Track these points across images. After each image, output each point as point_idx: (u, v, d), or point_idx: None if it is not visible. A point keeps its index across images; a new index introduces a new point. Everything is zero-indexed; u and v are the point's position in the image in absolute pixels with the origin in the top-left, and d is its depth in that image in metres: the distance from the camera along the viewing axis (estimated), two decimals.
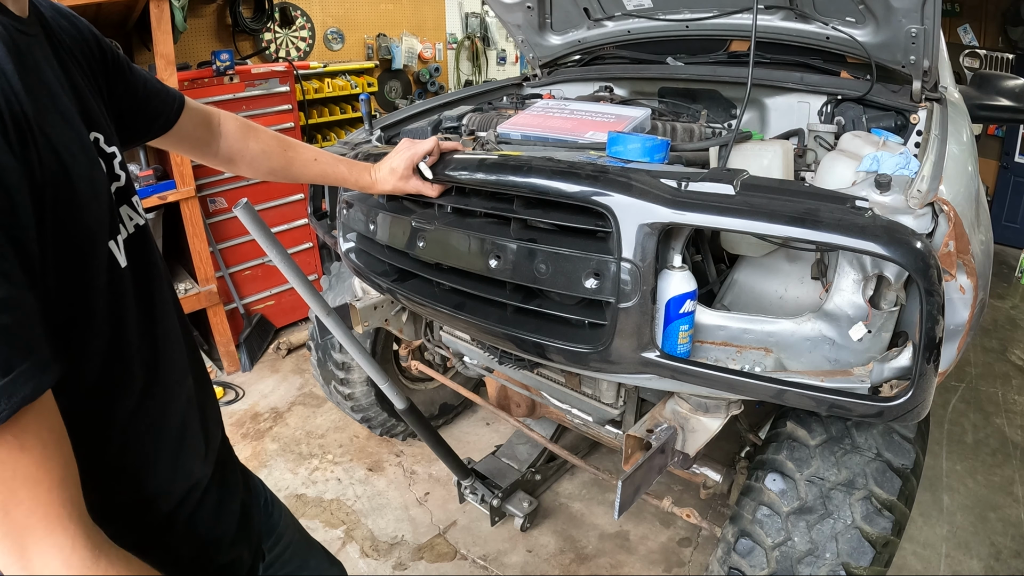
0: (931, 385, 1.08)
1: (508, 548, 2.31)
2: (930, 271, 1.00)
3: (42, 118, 0.59)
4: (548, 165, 1.33)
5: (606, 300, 1.25)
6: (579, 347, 1.31)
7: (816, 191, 1.17)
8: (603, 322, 1.28)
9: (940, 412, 3.04)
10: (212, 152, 1.14)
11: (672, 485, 2.50)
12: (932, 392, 1.10)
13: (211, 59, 3.29)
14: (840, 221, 1.06)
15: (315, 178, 1.35)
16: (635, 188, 1.20)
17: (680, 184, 1.20)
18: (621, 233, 1.20)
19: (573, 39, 2.40)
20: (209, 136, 1.11)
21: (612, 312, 1.24)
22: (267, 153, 1.21)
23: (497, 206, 1.41)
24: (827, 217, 1.07)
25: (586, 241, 1.29)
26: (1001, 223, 5.30)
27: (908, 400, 1.08)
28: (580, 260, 1.26)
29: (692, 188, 1.19)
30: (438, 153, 1.47)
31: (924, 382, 1.06)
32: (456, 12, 6.07)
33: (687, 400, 1.45)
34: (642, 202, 1.18)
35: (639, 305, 1.21)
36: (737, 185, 1.17)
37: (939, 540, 2.30)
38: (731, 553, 1.46)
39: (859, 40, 1.71)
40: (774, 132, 1.94)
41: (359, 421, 2.71)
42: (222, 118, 1.14)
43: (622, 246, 1.20)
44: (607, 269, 1.22)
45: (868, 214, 1.06)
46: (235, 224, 3.40)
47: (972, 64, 5.26)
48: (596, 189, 1.23)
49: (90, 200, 0.64)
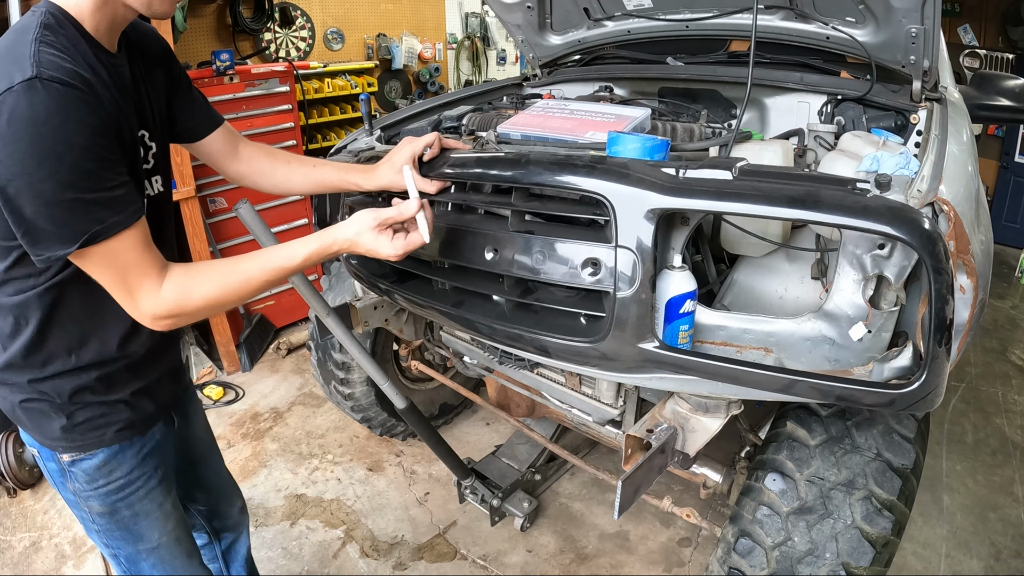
0: (944, 370, 1.05)
1: (508, 548, 2.31)
2: (937, 249, 0.99)
3: (118, 109, 0.98)
4: (545, 157, 1.33)
5: (604, 290, 1.24)
6: (578, 341, 1.31)
7: (815, 175, 1.16)
8: (601, 314, 1.28)
9: (940, 412, 3.03)
10: (229, 172, 1.41)
11: (672, 485, 2.50)
12: (945, 379, 1.07)
13: (211, 59, 3.29)
14: (843, 201, 1.05)
15: (313, 185, 1.45)
16: (632, 176, 1.20)
17: (678, 171, 1.20)
18: (619, 221, 1.20)
19: (573, 39, 2.40)
20: (233, 160, 1.40)
21: (610, 302, 1.24)
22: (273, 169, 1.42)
23: (495, 199, 1.41)
24: (828, 198, 1.05)
25: (584, 231, 1.29)
26: (1001, 223, 5.30)
27: (920, 387, 1.06)
28: (578, 249, 1.26)
29: (690, 175, 1.19)
30: (438, 147, 1.47)
31: (936, 366, 1.04)
32: (456, 12, 6.07)
33: (687, 400, 1.45)
34: (639, 190, 1.18)
35: (637, 294, 1.21)
36: (735, 171, 1.17)
37: (939, 540, 2.30)
38: (731, 553, 1.46)
39: (859, 40, 1.71)
40: (774, 132, 1.94)
41: (359, 421, 2.71)
42: (246, 147, 1.41)
43: (619, 234, 1.20)
44: (605, 258, 1.22)
45: (870, 195, 1.06)
46: (235, 224, 3.40)
47: (972, 64, 5.26)
48: (594, 178, 1.23)
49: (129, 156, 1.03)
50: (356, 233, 1.13)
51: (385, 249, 1.13)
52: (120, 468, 1.20)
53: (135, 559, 1.30)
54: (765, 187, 1.12)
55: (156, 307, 1.00)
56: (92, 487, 1.19)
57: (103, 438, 1.17)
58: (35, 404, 1.12)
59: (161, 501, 1.29)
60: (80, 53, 0.93)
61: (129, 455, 1.21)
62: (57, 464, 1.18)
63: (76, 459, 1.16)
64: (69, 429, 1.14)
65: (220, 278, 1.05)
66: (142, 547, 1.29)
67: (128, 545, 1.28)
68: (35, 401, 1.12)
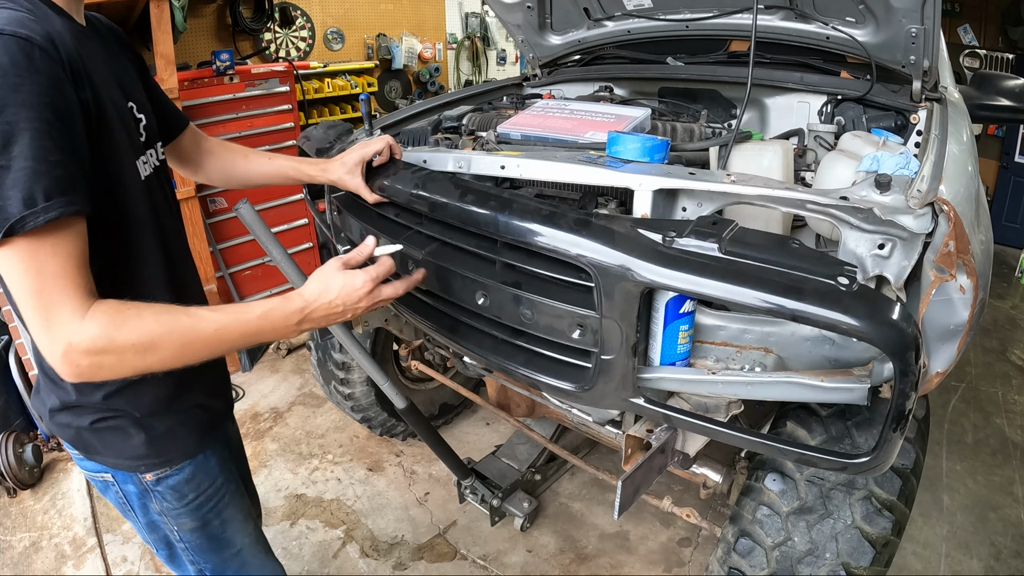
0: (895, 448, 1.10)
1: (508, 548, 2.31)
2: (907, 354, 0.97)
3: (93, 77, 0.87)
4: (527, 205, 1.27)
5: (589, 350, 1.25)
6: (566, 384, 1.32)
7: (803, 252, 1.09)
8: (587, 364, 1.28)
9: (940, 412, 3.04)
10: (193, 170, 1.37)
11: (672, 485, 2.50)
12: (895, 454, 1.11)
13: (211, 59, 3.30)
14: (825, 295, 1.01)
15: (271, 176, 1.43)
16: (618, 243, 1.15)
17: (664, 238, 1.14)
18: (603, 294, 1.17)
19: (573, 39, 2.40)
20: (198, 157, 1.35)
21: (596, 359, 1.25)
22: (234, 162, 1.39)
23: (481, 244, 1.36)
24: (812, 289, 1.02)
25: (570, 292, 1.25)
26: (1001, 223, 5.30)
27: (869, 462, 1.11)
28: (564, 312, 1.23)
29: (678, 244, 1.13)
30: (387, 154, 1.47)
31: (889, 447, 1.09)
32: (456, 12, 6.07)
33: (687, 400, 1.45)
34: (624, 256, 1.13)
35: (622, 358, 1.21)
36: (724, 245, 1.10)
37: (939, 540, 2.30)
38: (731, 553, 1.46)
39: (859, 40, 1.71)
40: (774, 132, 1.94)
41: (359, 421, 2.71)
42: (207, 142, 1.36)
43: (603, 306, 1.17)
44: (591, 322, 1.21)
45: (854, 287, 1.01)
46: (235, 224, 3.40)
47: (972, 64, 5.26)
48: (578, 238, 1.17)
49: (120, 129, 0.94)
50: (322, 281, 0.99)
51: (359, 279, 1.00)
52: (207, 476, 1.13)
53: (221, 567, 1.23)
54: (749, 270, 1.07)
55: (77, 335, 0.77)
56: (182, 503, 1.10)
57: (187, 448, 1.09)
58: (109, 423, 1.01)
59: (240, 502, 1.23)
60: (45, 16, 0.84)
61: (213, 462, 1.14)
62: (137, 486, 1.07)
63: (162, 476, 1.07)
64: (152, 443, 1.04)
65: (164, 313, 0.85)
66: (227, 554, 1.22)
67: (215, 555, 1.20)
68: (109, 419, 1.01)
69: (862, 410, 1.44)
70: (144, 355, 0.82)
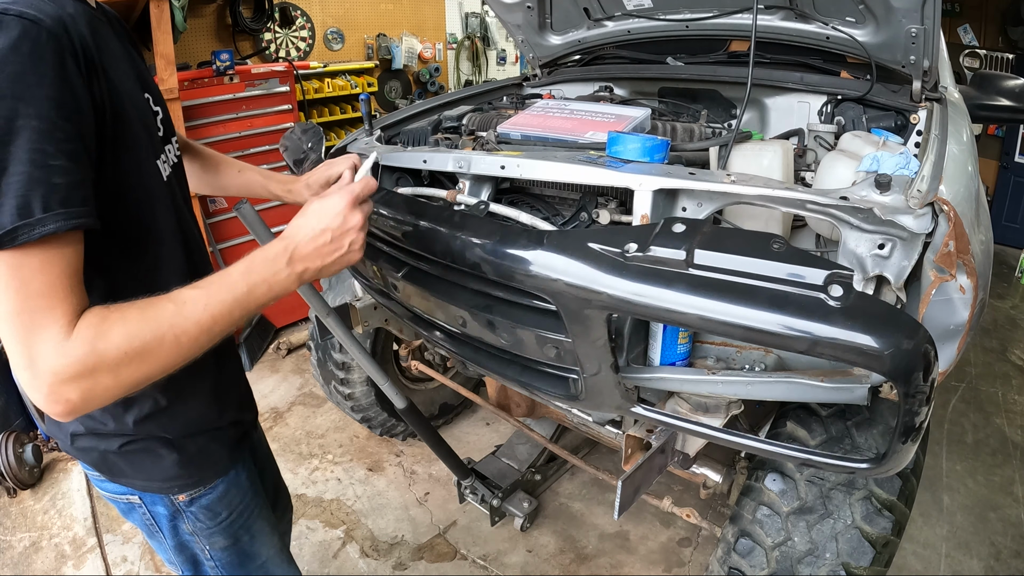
0: (907, 457, 1.05)
1: (508, 548, 2.31)
2: (914, 375, 0.87)
3: (108, 67, 0.80)
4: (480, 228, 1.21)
5: (570, 369, 1.26)
6: (560, 391, 1.33)
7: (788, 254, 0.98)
8: (575, 377, 1.29)
9: (940, 412, 3.03)
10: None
11: (672, 485, 2.50)
12: (906, 460, 1.06)
13: (211, 59, 3.30)
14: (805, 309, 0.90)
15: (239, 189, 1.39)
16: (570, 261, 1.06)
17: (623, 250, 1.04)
18: (567, 315, 1.12)
19: (573, 39, 2.40)
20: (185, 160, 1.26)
21: (580, 375, 1.26)
22: (204, 167, 1.34)
23: (447, 272, 1.33)
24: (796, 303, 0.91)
25: (541, 316, 1.21)
26: (1001, 223, 5.30)
27: (878, 469, 1.09)
28: (537, 336, 1.22)
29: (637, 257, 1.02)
30: (349, 178, 1.45)
31: (897, 457, 1.05)
32: (456, 12, 6.07)
33: (687, 400, 1.45)
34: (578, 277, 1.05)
35: (607, 374, 1.20)
36: (691, 255, 0.99)
37: (939, 540, 2.30)
38: (731, 553, 1.46)
39: (859, 40, 1.71)
40: (774, 132, 1.94)
41: (359, 421, 2.71)
42: (194, 146, 1.32)
43: (570, 330, 1.14)
44: (564, 346, 1.20)
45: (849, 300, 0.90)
46: (235, 224, 3.40)
47: (972, 64, 5.26)
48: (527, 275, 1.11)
49: (138, 125, 0.86)
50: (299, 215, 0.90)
51: (334, 198, 0.90)
52: (239, 492, 1.09)
53: None
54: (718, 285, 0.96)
55: (61, 359, 0.68)
56: (215, 522, 1.06)
57: (220, 466, 1.05)
58: (138, 445, 0.97)
59: (268, 514, 1.20)
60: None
61: (243, 476, 1.10)
62: (168, 508, 1.03)
63: (195, 496, 1.03)
64: (185, 464, 1.00)
65: (148, 308, 0.74)
66: (252, 567, 1.18)
67: (242, 568, 1.17)
68: (138, 442, 0.97)
69: (862, 410, 1.44)
70: (139, 363, 0.72)
